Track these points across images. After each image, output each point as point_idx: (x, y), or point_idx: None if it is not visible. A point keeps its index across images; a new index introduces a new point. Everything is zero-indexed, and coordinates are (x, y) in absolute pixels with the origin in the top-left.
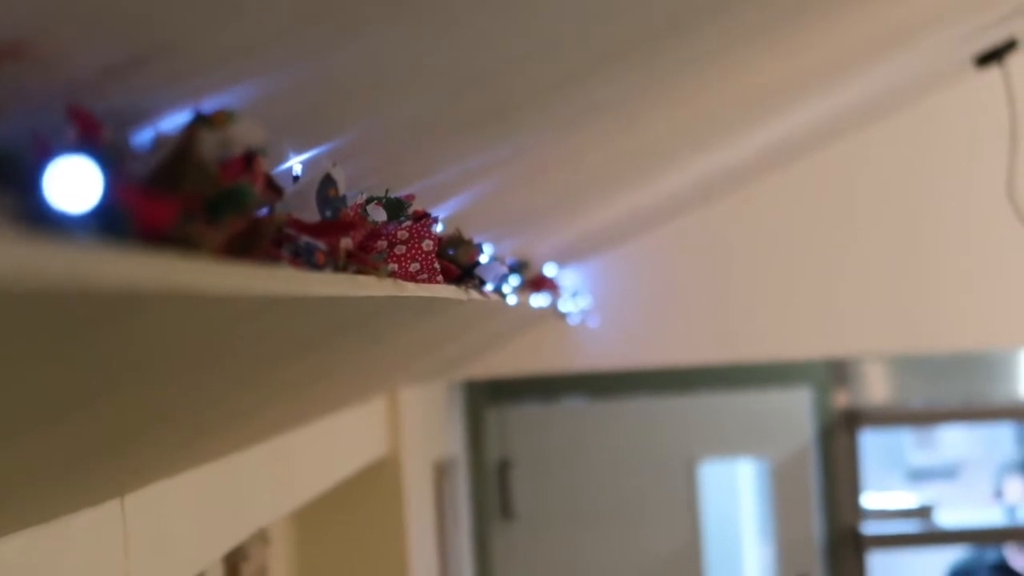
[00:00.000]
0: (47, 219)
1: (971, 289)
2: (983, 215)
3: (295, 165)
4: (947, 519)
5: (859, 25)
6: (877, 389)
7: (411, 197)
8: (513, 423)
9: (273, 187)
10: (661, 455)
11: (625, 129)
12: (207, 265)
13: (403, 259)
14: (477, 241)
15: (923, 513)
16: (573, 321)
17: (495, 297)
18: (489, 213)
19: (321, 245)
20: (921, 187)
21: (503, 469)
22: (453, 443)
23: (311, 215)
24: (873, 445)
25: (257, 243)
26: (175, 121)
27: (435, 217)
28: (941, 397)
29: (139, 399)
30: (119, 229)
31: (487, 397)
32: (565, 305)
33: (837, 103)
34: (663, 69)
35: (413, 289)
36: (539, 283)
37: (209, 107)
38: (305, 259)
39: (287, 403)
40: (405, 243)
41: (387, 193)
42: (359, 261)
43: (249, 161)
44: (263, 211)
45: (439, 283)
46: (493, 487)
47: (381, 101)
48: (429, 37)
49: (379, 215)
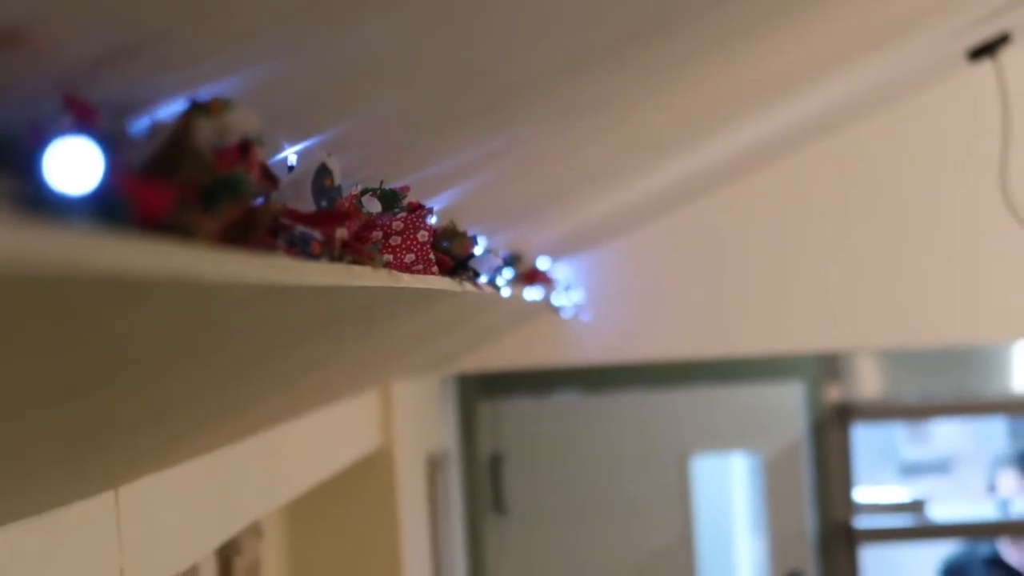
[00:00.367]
0: (45, 203)
1: (963, 283)
2: (975, 209)
3: (290, 155)
4: (939, 513)
5: (851, 19)
6: (869, 383)
7: (406, 189)
8: (505, 417)
9: (268, 176)
10: (653, 449)
11: (618, 123)
12: (203, 252)
13: (398, 250)
14: (471, 233)
15: (915, 507)
16: (566, 315)
17: (489, 289)
18: (483, 206)
19: (317, 235)
20: (913, 181)
21: (495, 463)
22: (446, 437)
23: (306, 205)
24: (865, 439)
25: (253, 232)
26: (171, 110)
27: (430, 208)
28: (933, 391)
29: (134, 388)
30: (115, 215)
31: (480, 391)
32: (558, 299)
33: (830, 97)
34: (656, 63)
35: (408, 280)
36: (532, 276)
37: (204, 96)
38: (301, 249)
39: (281, 395)
40: (400, 234)
41: (382, 184)
42: (354, 251)
43: (245, 150)
44: (259, 200)
45: (434, 274)
46: (485, 481)
47: (376, 92)
48: (425, 28)
49: (374, 206)
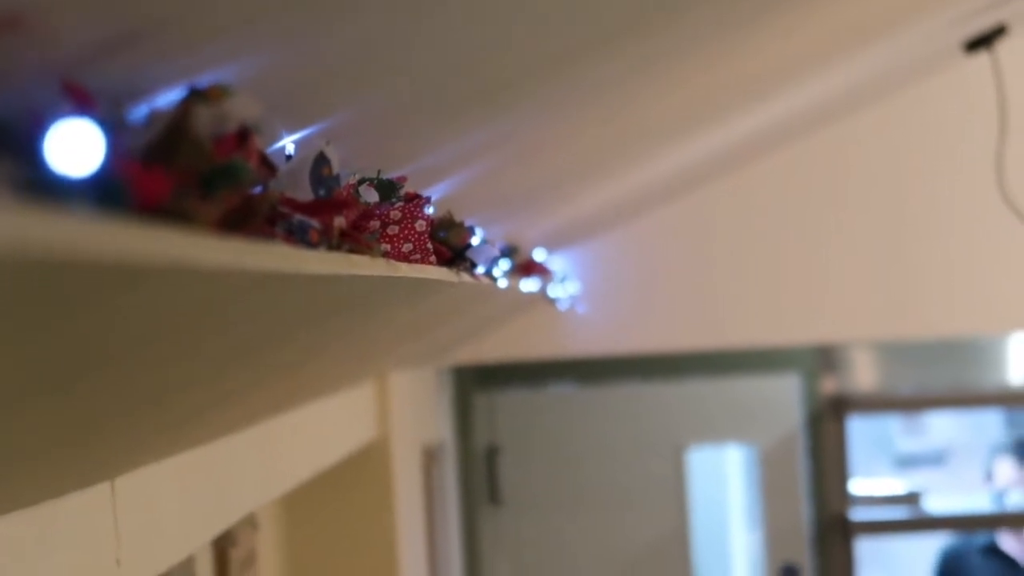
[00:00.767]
0: (44, 187)
1: (959, 275)
2: (971, 201)
3: (288, 144)
4: (935, 505)
5: (848, 10)
6: (865, 375)
7: (403, 179)
8: (501, 408)
9: (267, 164)
10: (649, 441)
11: (615, 114)
12: (201, 239)
13: (396, 239)
14: (468, 224)
15: (911, 499)
16: (562, 307)
17: (486, 280)
18: (479, 197)
19: (315, 223)
20: (910, 173)
21: (491, 454)
22: (442, 428)
23: (304, 194)
24: (861, 431)
25: (251, 220)
26: (169, 97)
27: (427, 198)
28: (929, 383)
29: (130, 377)
30: (114, 201)
31: (476, 382)
32: (554, 290)
33: (826, 89)
34: (652, 53)
35: (406, 270)
36: (529, 268)
37: (204, 83)
38: (299, 237)
39: (278, 385)
40: (398, 223)
41: (379, 174)
42: (352, 240)
43: (243, 138)
44: (257, 189)
45: (432, 263)
46: (481, 472)
47: (373, 81)
48: (423, 17)
49: (371, 196)
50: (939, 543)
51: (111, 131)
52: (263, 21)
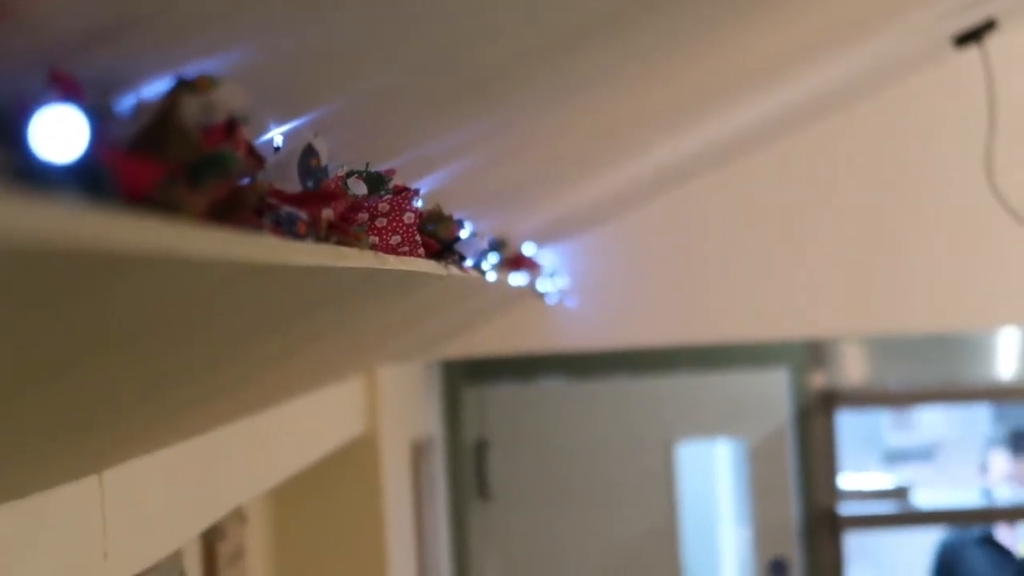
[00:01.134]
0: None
1: (948, 270)
2: (961, 196)
3: (276, 136)
4: (923, 500)
5: (837, 4)
6: (854, 370)
7: (392, 171)
8: (490, 403)
9: (255, 155)
10: (638, 435)
11: (603, 108)
12: (189, 229)
13: (384, 232)
14: (457, 217)
15: (899, 494)
16: (551, 301)
17: (474, 273)
18: (468, 191)
19: (303, 215)
20: (899, 168)
21: (480, 449)
22: (430, 422)
23: (292, 186)
24: (850, 426)
25: (239, 211)
26: (157, 88)
27: (416, 190)
28: (918, 378)
29: (117, 369)
30: (100, 190)
31: (464, 377)
32: (543, 284)
33: (815, 84)
34: (642, 47)
35: (394, 262)
36: (518, 261)
37: (191, 73)
38: (287, 229)
39: (266, 379)
40: (386, 215)
41: (368, 167)
42: (340, 232)
43: (231, 128)
44: (245, 180)
45: (420, 256)
46: (470, 467)
47: (362, 74)
48: (412, 8)
49: (360, 189)
50: (934, 535)
51: (98, 120)
52: (251, 12)
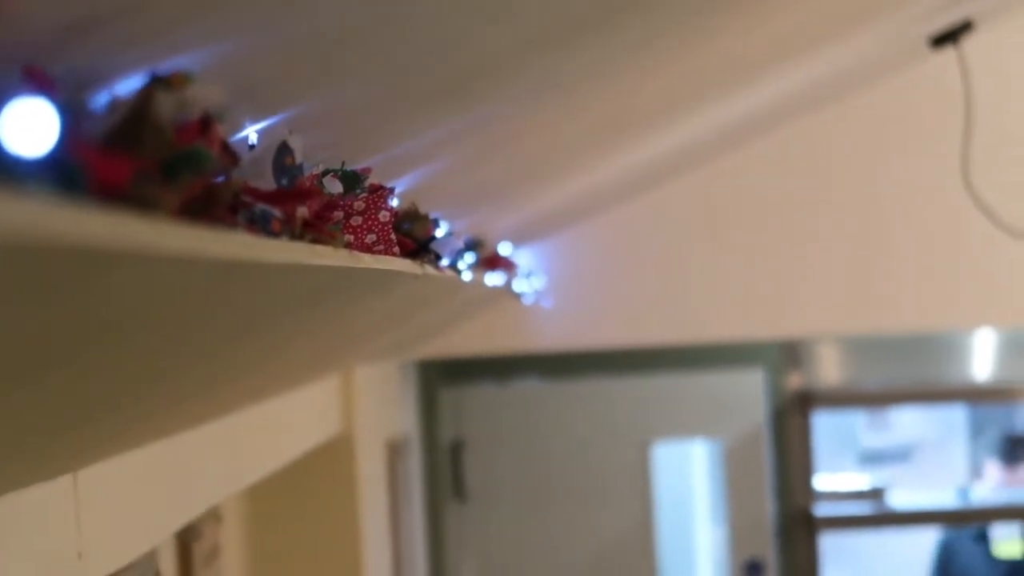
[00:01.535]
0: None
1: (925, 271)
2: (937, 197)
3: (251, 134)
4: (899, 501)
5: (815, 5)
6: (830, 371)
7: (367, 170)
8: (467, 403)
9: (229, 152)
10: (615, 436)
11: (581, 107)
12: (162, 226)
13: (359, 230)
14: (433, 216)
15: (875, 495)
16: (527, 301)
17: (450, 273)
18: (444, 190)
19: (277, 213)
20: (876, 169)
21: (456, 449)
22: (406, 423)
23: (267, 183)
24: (826, 427)
25: (213, 208)
26: (131, 84)
27: (391, 189)
28: (894, 379)
29: (90, 367)
30: (73, 185)
31: (441, 377)
32: (519, 285)
33: (793, 84)
34: (620, 46)
35: (369, 260)
36: (494, 262)
37: (166, 70)
38: (261, 226)
39: (241, 379)
40: (362, 214)
41: (343, 165)
42: (315, 230)
43: (205, 125)
44: (219, 177)
45: (395, 254)
46: (446, 467)
47: (338, 72)
48: (389, 5)
49: (335, 187)
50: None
51: (71, 116)
52: (226, 8)
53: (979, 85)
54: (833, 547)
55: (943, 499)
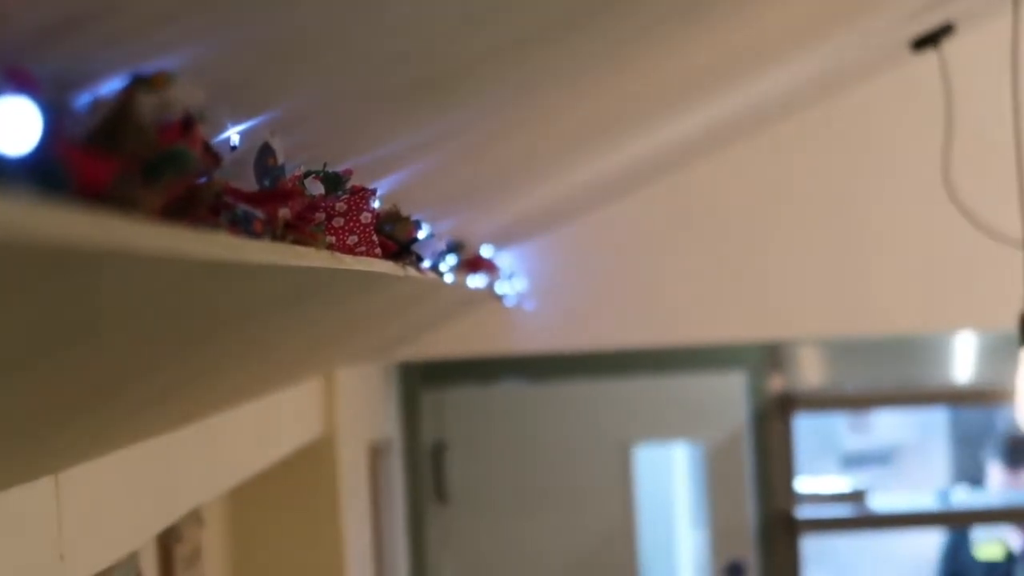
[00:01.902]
0: None
1: (906, 273)
2: (918, 200)
3: (233, 135)
4: (881, 503)
5: (794, 7)
6: (811, 373)
7: (349, 172)
8: (448, 405)
9: (211, 153)
10: (596, 438)
11: (564, 109)
12: (144, 226)
13: (341, 231)
14: (415, 219)
15: (856, 497)
16: (509, 303)
17: (432, 275)
18: (426, 192)
19: (259, 214)
20: (857, 171)
21: (438, 451)
22: (388, 425)
23: (249, 184)
24: (807, 429)
25: (195, 208)
26: (113, 85)
27: (373, 190)
28: (875, 381)
29: (71, 368)
30: (55, 185)
31: (423, 379)
32: (501, 287)
33: (774, 86)
34: (601, 48)
35: (351, 262)
36: (476, 264)
37: (147, 70)
38: (243, 227)
39: (223, 381)
40: (343, 215)
41: (325, 167)
42: (297, 231)
43: (187, 126)
44: (201, 178)
45: (377, 256)
46: (428, 470)
47: (320, 73)
48: (371, 7)
49: (317, 189)
50: (884, 542)
51: (54, 116)
52: (208, 9)
53: (960, 88)
54: (815, 549)
55: (924, 502)
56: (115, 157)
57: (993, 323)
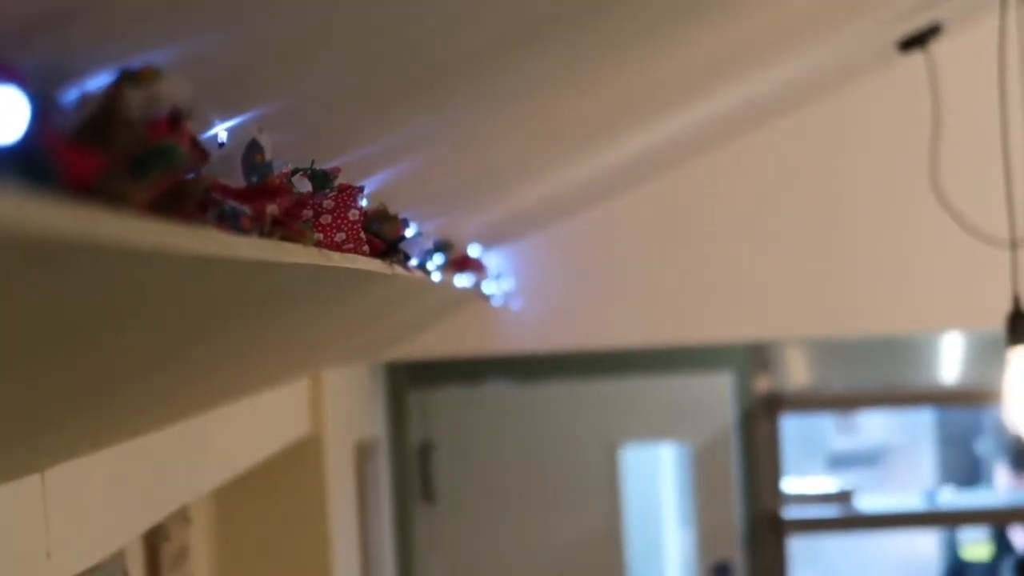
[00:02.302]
0: None
1: (892, 274)
2: (905, 200)
3: (221, 132)
4: (867, 504)
5: (781, 8)
6: (798, 374)
7: (337, 170)
8: (435, 405)
9: (199, 149)
10: (583, 439)
11: (552, 108)
12: (132, 220)
13: (328, 229)
14: (402, 217)
15: (843, 498)
16: (496, 303)
17: (419, 273)
18: (414, 191)
19: (247, 210)
20: (844, 172)
21: (425, 452)
22: (375, 425)
23: (237, 181)
24: (794, 430)
25: (183, 204)
26: (100, 80)
27: (361, 187)
28: (862, 382)
29: (56, 365)
30: (42, 179)
31: (410, 379)
32: (488, 287)
33: (761, 87)
34: (589, 46)
35: (338, 259)
36: (463, 263)
37: (135, 65)
38: (231, 223)
39: (210, 380)
40: (331, 212)
41: (313, 164)
42: (285, 228)
43: (175, 121)
44: (189, 174)
45: (364, 253)
46: (414, 470)
47: (308, 70)
48: (359, 5)
49: (304, 186)
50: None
51: (41, 110)
52: (197, 4)
53: (947, 89)
54: (801, 550)
55: (910, 502)
56: (103, 152)
57: (980, 324)
